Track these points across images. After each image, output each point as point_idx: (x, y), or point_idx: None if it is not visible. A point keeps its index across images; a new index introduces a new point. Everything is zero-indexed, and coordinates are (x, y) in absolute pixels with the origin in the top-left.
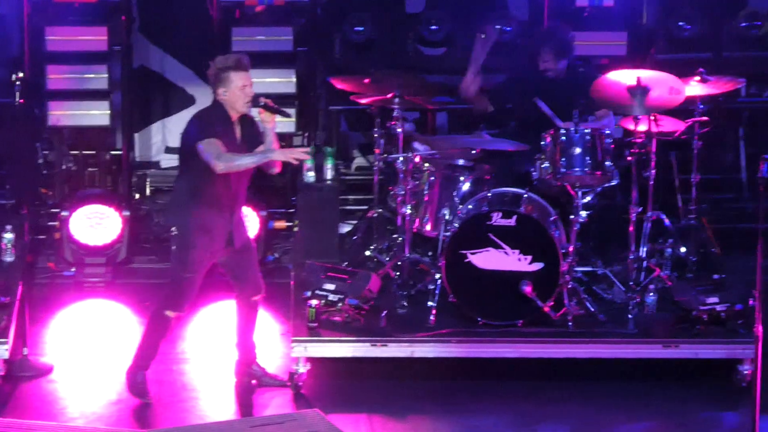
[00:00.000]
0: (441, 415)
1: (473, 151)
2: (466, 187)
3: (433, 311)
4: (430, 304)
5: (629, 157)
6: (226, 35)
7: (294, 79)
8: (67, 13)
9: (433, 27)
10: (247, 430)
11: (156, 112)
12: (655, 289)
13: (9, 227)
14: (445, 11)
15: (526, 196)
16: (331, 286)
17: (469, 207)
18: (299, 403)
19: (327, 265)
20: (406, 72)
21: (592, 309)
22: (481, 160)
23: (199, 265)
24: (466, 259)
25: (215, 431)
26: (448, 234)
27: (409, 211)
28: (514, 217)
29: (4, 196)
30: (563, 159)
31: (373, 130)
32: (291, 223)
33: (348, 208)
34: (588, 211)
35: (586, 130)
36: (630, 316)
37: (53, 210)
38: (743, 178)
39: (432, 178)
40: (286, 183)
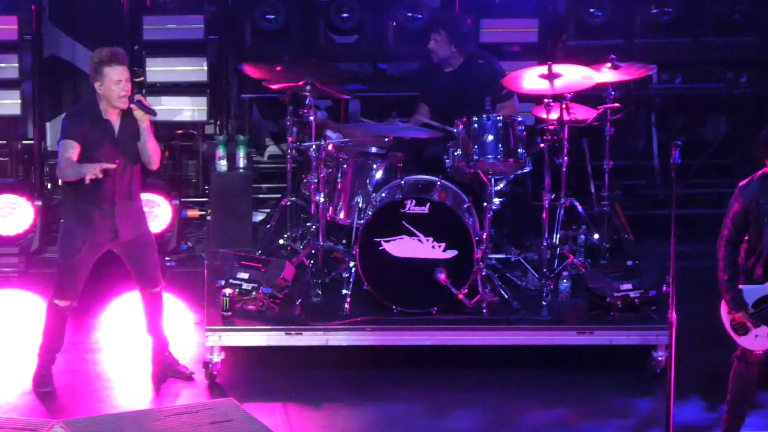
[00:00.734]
0: (356, 403)
1: (386, 139)
2: (379, 174)
3: (348, 299)
4: (344, 292)
5: (542, 144)
6: (136, 24)
7: (205, 68)
8: None
9: (344, 15)
10: (162, 419)
11: (67, 101)
12: (569, 276)
13: None
14: None
15: (439, 183)
16: (245, 275)
17: (383, 195)
18: (214, 392)
19: (240, 253)
20: (317, 60)
21: (506, 296)
22: (393, 147)
23: (77, 252)
24: (380, 247)
25: (130, 420)
26: (362, 222)
27: (322, 199)
28: (428, 204)
29: None
30: (476, 146)
31: (285, 119)
32: (204, 212)
33: (261, 196)
34: (501, 198)
35: (498, 118)
36: (544, 303)
37: None
38: (655, 164)
39: (345, 166)
40: (199, 172)
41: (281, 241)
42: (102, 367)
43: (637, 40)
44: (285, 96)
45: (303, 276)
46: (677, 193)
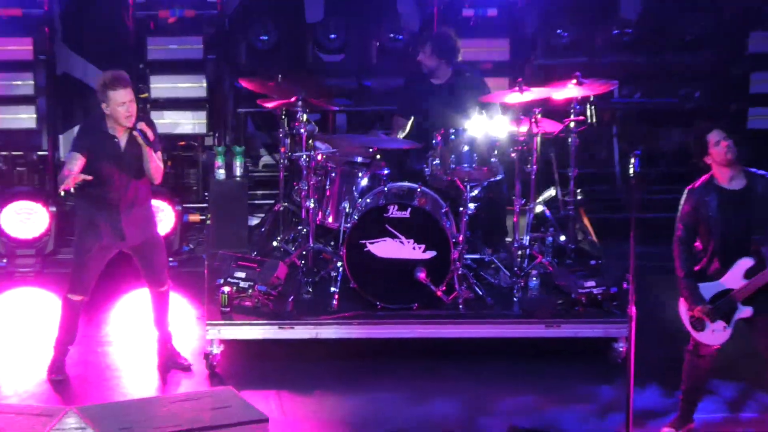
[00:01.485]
0: (344, 391)
1: (370, 149)
2: (364, 182)
3: (336, 296)
4: (332, 289)
5: (513, 154)
6: (141, 44)
7: (204, 84)
8: None
9: (332, 36)
10: (167, 405)
11: (78, 115)
12: (538, 274)
13: None
14: (343, 21)
15: (419, 190)
16: (241, 274)
17: (368, 200)
18: (214, 381)
19: (237, 254)
20: (307, 77)
21: (481, 293)
22: (377, 157)
23: (87, 252)
24: (366, 249)
25: (137, 407)
26: (349, 225)
27: (312, 205)
28: (409, 209)
29: None
30: (453, 156)
31: (278, 131)
32: (204, 217)
33: (256, 202)
34: (476, 204)
35: None
36: (515, 299)
37: None
38: (617, 171)
39: (333, 174)
40: (199, 180)
41: (275, 243)
42: (112, 359)
43: (599, 59)
44: (278, 110)
45: (295, 275)
46: (636, 198)
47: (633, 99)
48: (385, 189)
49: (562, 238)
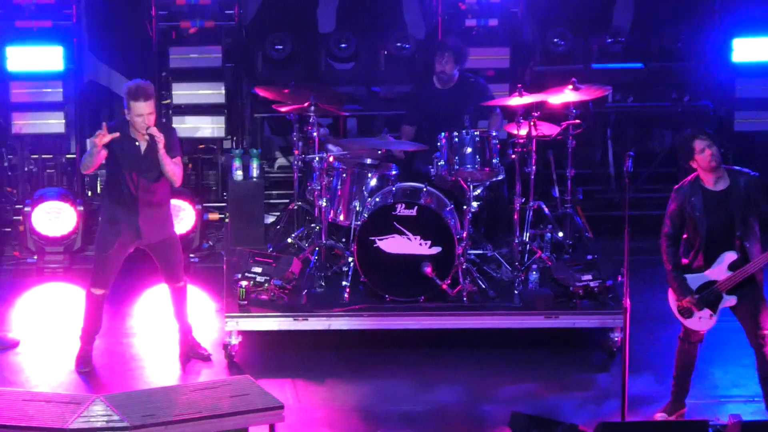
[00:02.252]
0: (355, 379)
1: (379, 152)
2: (373, 182)
3: (347, 290)
4: (344, 283)
5: (513, 156)
6: (164, 53)
7: (223, 91)
8: (27, 36)
9: (343, 45)
10: (188, 393)
11: (105, 120)
12: (537, 269)
13: None
14: (353, 32)
15: (425, 189)
16: (258, 269)
17: (377, 199)
18: (232, 370)
19: (254, 251)
20: (319, 84)
21: (484, 286)
22: (386, 159)
23: (108, 248)
24: (375, 245)
25: (160, 395)
26: (359, 223)
27: (324, 204)
28: (416, 207)
29: None
30: (456, 157)
31: (292, 134)
32: (223, 215)
33: (272, 201)
34: (478, 202)
35: (476, 133)
36: (516, 291)
37: (17, 206)
38: (611, 172)
39: (344, 175)
40: (218, 181)
41: (289, 240)
42: (135, 350)
43: (594, 66)
44: (292, 115)
45: (308, 270)
46: (630, 197)
47: (626, 103)
48: (393, 189)
49: (560, 235)
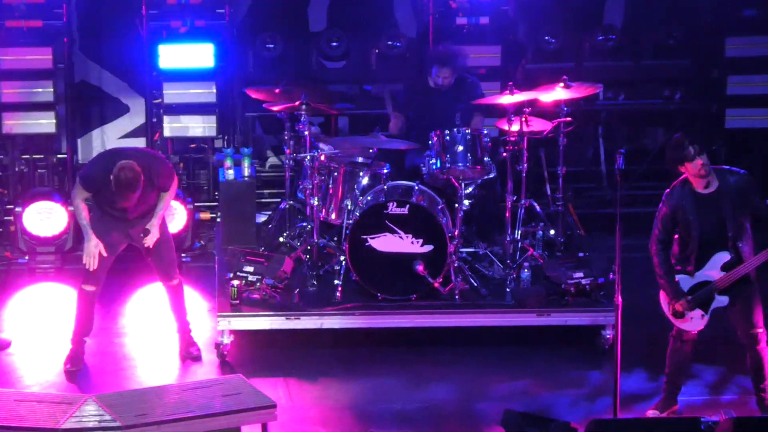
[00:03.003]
0: (347, 377)
1: (371, 150)
2: (365, 181)
3: (339, 288)
4: (336, 282)
5: (504, 154)
6: (154, 52)
7: (214, 90)
8: (17, 36)
9: (334, 44)
10: (180, 392)
11: (95, 120)
12: (529, 266)
13: None
14: (344, 30)
15: (417, 188)
16: (250, 268)
17: (368, 198)
18: (225, 369)
19: (246, 250)
20: (311, 82)
21: (476, 284)
22: (377, 157)
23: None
24: (367, 243)
25: (153, 394)
26: (351, 222)
27: (316, 203)
28: (407, 206)
29: None
30: (448, 156)
31: (283, 133)
32: (214, 215)
33: (263, 200)
34: (470, 200)
35: (467, 131)
36: (508, 289)
37: (8, 206)
38: (602, 169)
39: (335, 174)
40: (210, 180)
41: (281, 239)
42: (127, 349)
43: (585, 63)
44: (283, 114)
45: (300, 269)
46: (621, 195)
47: (617, 101)
48: (385, 187)
49: (552, 232)
